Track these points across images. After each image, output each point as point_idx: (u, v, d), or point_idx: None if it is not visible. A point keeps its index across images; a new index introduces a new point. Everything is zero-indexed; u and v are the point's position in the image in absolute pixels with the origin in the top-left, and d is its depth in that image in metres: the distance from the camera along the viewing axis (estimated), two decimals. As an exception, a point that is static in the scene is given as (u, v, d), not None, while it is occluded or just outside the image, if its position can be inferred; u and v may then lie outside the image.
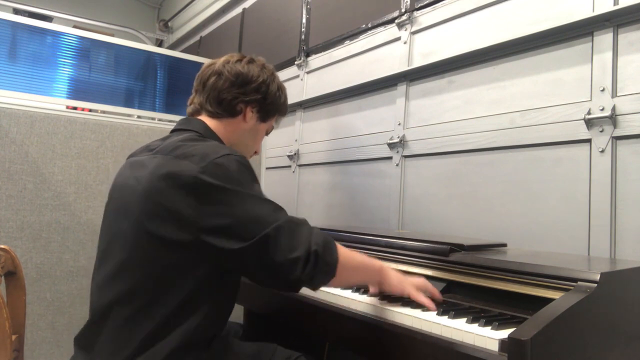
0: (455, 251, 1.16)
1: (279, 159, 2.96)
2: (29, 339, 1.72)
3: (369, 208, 2.29)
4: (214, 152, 1.00)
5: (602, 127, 1.42)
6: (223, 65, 1.20)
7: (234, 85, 1.19)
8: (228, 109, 1.19)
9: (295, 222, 0.98)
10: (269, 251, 0.93)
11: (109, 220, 1.11)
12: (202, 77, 1.22)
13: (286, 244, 0.93)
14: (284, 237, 0.94)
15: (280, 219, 0.96)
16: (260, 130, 1.28)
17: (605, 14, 1.42)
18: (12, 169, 1.73)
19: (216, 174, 0.96)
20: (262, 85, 1.21)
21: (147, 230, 0.97)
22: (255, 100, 1.21)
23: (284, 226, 0.95)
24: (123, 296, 0.98)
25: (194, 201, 0.94)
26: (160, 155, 1.03)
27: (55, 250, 1.80)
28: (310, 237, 0.96)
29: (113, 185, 1.15)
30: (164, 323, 0.97)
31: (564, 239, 1.50)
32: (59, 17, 4.95)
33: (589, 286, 0.86)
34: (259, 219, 0.95)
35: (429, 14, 2.08)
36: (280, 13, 3.23)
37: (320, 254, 0.95)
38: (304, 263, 0.93)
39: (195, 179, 0.95)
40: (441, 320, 0.93)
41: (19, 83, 1.83)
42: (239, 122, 1.22)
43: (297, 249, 0.93)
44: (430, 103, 2.03)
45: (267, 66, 1.26)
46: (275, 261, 0.94)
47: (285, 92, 1.31)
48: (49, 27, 1.94)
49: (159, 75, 2.20)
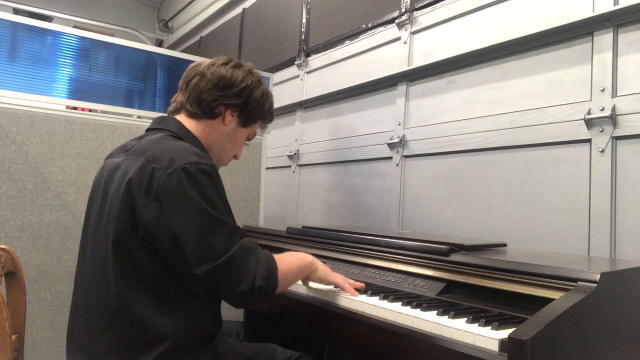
0: (455, 251, 1.16)
1: (279, 159, 2.96)
2: (29, 339, 1.72)
3: (369, 208, 2.29)
4: (182, 158, 1.01)
5: (602, 127, 1.42)
6: (208, 67, 1.20)
7: (216, 88, 1.18)
8: (207, 111, 1.19)
9: (245, 251, 1.01)
10: (217, 282, 0.98)
11: (88, 220, 1.15)
12: (186, 77, 1.23)
13: (234, 277, 0.98)
14: (234, 269, 0.98)
15: (232, 248, 0.99)
16: (240, 134, 1.27)
17: (605, 14, 1.42)
18: (12, 169, 1.73)
19: (180, 183, 0.98)
20: (245, 90, 1.20)
21: (117, 226, 1.01)
22: (236, 105, 1.21)
23: (235, 256, 0.99)
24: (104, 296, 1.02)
25: (157, 207, 0.98)
26: (132, 157, 1.06)
27: (55, 250, 1.80)
28: (255, 270, 1.00)
29: (92, 188, 1.18)
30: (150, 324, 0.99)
31: (564, 239, 1.50)
32: (59, 17, 4.95)
33: (589, 286, 0.86)
34: (212, 249, 0.98)
35: (429, 14, 2.08)
36: (280, 13, 3.23)
37: (263, 288, 1.00)
38: (247, 296, 0.99)
39: (159, 185, 0.98)
40: (441, 320, 0.93)
41: (19, 83, 1.83)
42: (218, 125, 1.21)
43: (242, 282, 0.98)
44: (430, 103, 2.03)
45: (255, 72, 1.26)
46: (220, 292, 1.01)
47: (271, 99, 1.30)
48: (49, 27, 1.94)
49: (159, 75, 2.20)
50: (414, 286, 1.18)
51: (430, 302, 1.04)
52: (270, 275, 1.02)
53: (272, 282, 1.03)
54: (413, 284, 1.19)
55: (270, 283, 1.02)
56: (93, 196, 1.15)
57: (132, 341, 0.99)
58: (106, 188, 1.08)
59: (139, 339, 0.99)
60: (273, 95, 1.36)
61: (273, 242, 1.75)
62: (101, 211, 1.07)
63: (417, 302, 1.04)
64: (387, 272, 1.28)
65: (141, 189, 0.99)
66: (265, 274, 1.01)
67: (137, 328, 0.99)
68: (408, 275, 1.23)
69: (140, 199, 0.99)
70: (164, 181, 0.98)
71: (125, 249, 1.01)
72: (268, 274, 1.02)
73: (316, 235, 1.58)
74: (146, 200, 0.98)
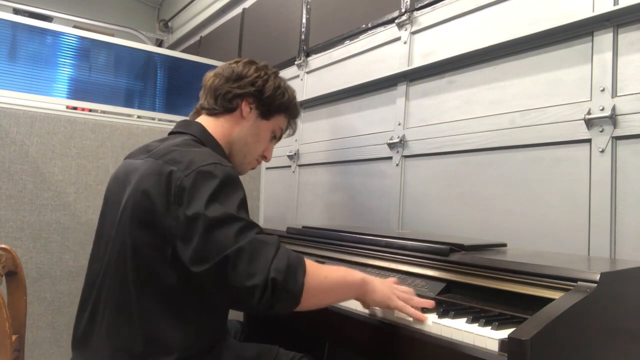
0: (455, 251, 1.16)
1: (279, 159, 2.96)
2: (29, 339, 1.72)
3: (369, 208, 2.29)
4: (201, 160, 0.98)
5: (602, 127, 1.42)
6: (222, 68, 1.25)
7: (229, 81, 1.21)
8: (223, 104, 1.20)
9: (259, 243, 0.90)
10: (226, 275, 0.88)
11: (103, 220, 1.12)
12: (204, 82, 1.26)
13: (244, 269, 0.87)
14: (244, 260, 0.87)
15: (244, 240, 0.89)
16: (263, 128, 1.25)
17: (605, 14, 1.42)
18: (12, 169, 1.73)
19: (197, 181, 0.94)
20: (257, 79, 1.21)
21: (133, 231, 0.98)
22: (250, 94, 1.21)
23: (245, 248, 0.88)
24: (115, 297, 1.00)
25: (176, 209, 0.93)
26: (151, 159, 1.04)
27: (55, 250, 1.80)
28: (271, 262, 0.87)
29: (108, 188, 1.16)
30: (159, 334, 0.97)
31: (564, 239, 1.50)
32: (59, 17, 4.94)
33: (589, 286, 0.86)
34: (218, 243, 0.89)
35: (429, 14, 2.08)
36: (280, 13, 3.23)
37: (280, 282, 0.86)
38: (261, 292, 0.85)
39: (177, 187, 0.94)
40: (441, 320, 0.93)
41: (19, 83, 1.83)
42: (237, 118, 1.21)
43: (256, 275, 0.86)
44: (430, 103, 2.03)
45: (268, 67, 1.27)
46: (232, 287, 0.88)
47: (291, 92, 1.29)
48: (49, 27, 1.94)
49: (159, 75, 2.20)
50: (414, 286, 1.18)
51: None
52: (291, 271, 0.88)
53: (292, 279, 0.88)
54: (413, 284, 1.19)
55: (290, 280, 0.87)
56: (108, 199, 1.12)
57: (140, 349, 0.97)
58: (123, 191, 1.05)
59: (147, 348, 0.97)
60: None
61: (273, 242, 1.75)
62: (117, 215, 1.04)
63: (417, 302, 1.04)
64: (387, 272, 1.28)
65: (160, 192, 0.96)
66: (284, 268, 0.87)
67: (146, 336, 0.97)
68: (408, 275, 1.23)
69: (159, 203, 0.95)
70: (181, 182, 0.95)
71: (142, 255, 0.97)
72: (288, 268, 0.88)
73: (316, 235, 1.58)
74: (166, 204, 0.95)
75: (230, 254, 0.87)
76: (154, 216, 0.96)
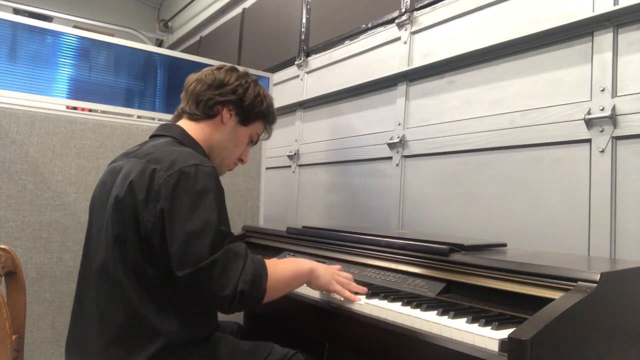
0: (455, 251, 1.16)
1: (279, 159, 2.96)
2: (29, 339, 1.72)
3: (369, 208, 2.29)
4: (183, 161, 1.04)
5: (602, 127, 1.42)
6: (203, 73, 1.27)
7: (211, 88, 1.24)
8: (205, 110, 1.23)
9: (232, 254, 1.00)
10: (200, 283, 0.98)
11: (91, 222, 1.17)
12: (185, 86, 1.29)
13: (217, 281, 0.97)
14: (216, 272, 0.97)
15: (217, 253, 0.98)
16: (241, 134, 1.29)
17: (605, 14, 1.42)
18: (12, 169, 1.73)
19: (178, 184, 1.01)
20: (239, 87, 1.25)
21: (121, 229, 1.03)
22: (231, 102, 1.24)
23: (218, 260, 0.98)
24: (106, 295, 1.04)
25: (155, 206, 1.00)
26: (134, 160, 1.09)
27: (55, 250, 1.79)
28: (239, 275, 0.98)
29: (94, 194, 1.19)
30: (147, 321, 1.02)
31: (564, 239, 1.50)
32: (59, 17, 4.94)
33: (589, 286, 0.86)
34: (196, 252, 0.97)
35: (429, 14, 2.08)
36: (280, 13, 3.23)
37: (247, 292, 0.98)
38: (230, 301, 0.97)
39: (158, 185, 1.01)
40: (441, 320, 0.93)
41: (19, 83, 1.83)
42: (217, 124, 1.25)
43: (226, 287, 0.97)
44: (430, 103, 2.03)
45: (249, 75, 1.31)
46: (206, 295, 0.99)
47: (269, 100, 1.33)
48: (49, 27, 1.94)
49: (159, 75, 2.20)
50: (414, 286, 1.18)
51: (430, 302, 1.04)
52: (256, 281, 1.00)
53: (257, 287, 1.00)
54: (413, 284, 1.19)
55: (255, 288, 1.00)
56: (95, 200, 1.17)
57: (130, 336, 1.02)
58: (109, 190, 1.10)
59: (137, 334, 1.02)
60: (273, 97, 1.38)
61: (273, 242, 1.75)
62: (104, 212, 1.09)
63: (417, 302, 1.04)
64: (387, 272, 1.28)
65: (142, 188, 1.02)
66: (250, 279, 0.99)
67: (135, 324, 1.02)
68: (408, 275, 1.23)
69: (141, 198, 1.01)
70: (164, 180, 1.01)
71: (126, 248, 1.03)
72: (253, 279, 1.00)
73: (316, 235, 1.58)
74: (146, 199, 1.01)
75: (205, 266, 0.97)
76: (136, 210, 1.01)
